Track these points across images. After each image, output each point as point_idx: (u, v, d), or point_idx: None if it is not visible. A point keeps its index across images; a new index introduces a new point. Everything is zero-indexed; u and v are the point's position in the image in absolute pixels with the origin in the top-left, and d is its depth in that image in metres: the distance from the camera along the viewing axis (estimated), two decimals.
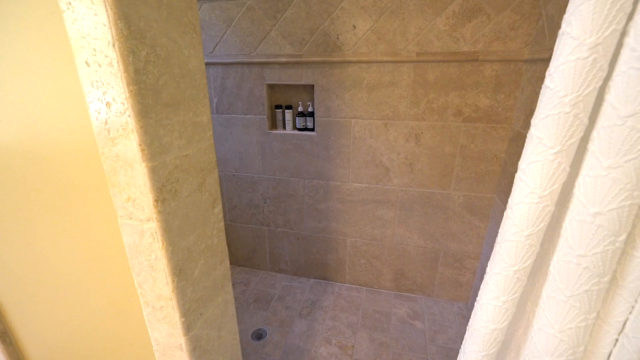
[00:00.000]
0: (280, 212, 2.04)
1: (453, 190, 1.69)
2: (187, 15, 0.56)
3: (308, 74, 1.69)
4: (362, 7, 1.50)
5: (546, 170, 0.52)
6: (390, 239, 1.89)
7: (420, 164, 1.69)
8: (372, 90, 1.63)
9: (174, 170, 0.57)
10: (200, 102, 0.63)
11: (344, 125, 1.73)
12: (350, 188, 1.85)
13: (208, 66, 1.81)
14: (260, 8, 1.63)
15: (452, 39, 1.45)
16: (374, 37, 1.54)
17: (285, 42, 1.66)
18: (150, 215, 0.55)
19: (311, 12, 1.57)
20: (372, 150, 1.74)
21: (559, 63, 0.49)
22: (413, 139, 1.66)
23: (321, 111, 1.74)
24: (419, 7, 1.44)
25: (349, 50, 1.59)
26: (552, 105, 0.50)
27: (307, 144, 1.83)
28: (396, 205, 1.81)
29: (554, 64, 0.50)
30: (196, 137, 0.63)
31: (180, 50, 0.56)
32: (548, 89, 0.51)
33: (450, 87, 1.53)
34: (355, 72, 1.62)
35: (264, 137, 1.89)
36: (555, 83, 0.49)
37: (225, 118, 1.90)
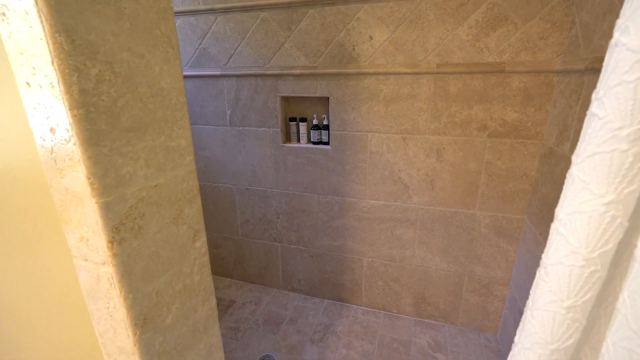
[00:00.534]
0: (293, 229, 1.97)
1: (478, 210, 1.56)
2: (159, 27, 0.51)
3: (323, 86, 1.63)
4: (379, 17, 1.44)
5: (595, 224, 0.39)
6: (410, 261, 1.76)
7: (442, 181, 1.58)
8: (389, 103, 1.55)
9: (137, 204, 0.50)
10: (177, 123, 0.57)
11: (360, 139, 1.65)
12: (366, 205, 1.75)
13: (222, 78, 1.79)
14: (274, 20, 1.60)
15: (476, 49, 1.36)
16: (391, 47, 1.47)
17: (299, 53, 1.62)
18: (105, 258, 0.48)
19: (326, 23, 1.53)
20: (389, 165, 1.64)
21: (612, 84, 0.37)
22: (434, 154, 1.55)
23: (336, 124, 1.67)
24: (439, 16, 1.37)
25: (366, 62, 1.52)
26: (603, 140, 0.37)
27: (322, 158, 1.76)
28: (416, 224, 1.69)
29: (604, 85, 0.38)
30: (170, 163, 0.56)
31: (149, 67, 0.50)
32: (596, 117, 0.38)
33: (473, 100, 1.42)
34: (372, 84, 1.55)
35: (277, 151, 1.83)
36: (607, 111, 0.37)
37: (238, 130, 1.87)
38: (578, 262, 0.40)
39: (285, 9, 1.56)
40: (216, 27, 1.71)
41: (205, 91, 1.85)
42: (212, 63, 1.78)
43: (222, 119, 1.88)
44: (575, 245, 0.40)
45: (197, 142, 1.98)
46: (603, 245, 0.39)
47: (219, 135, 1.92)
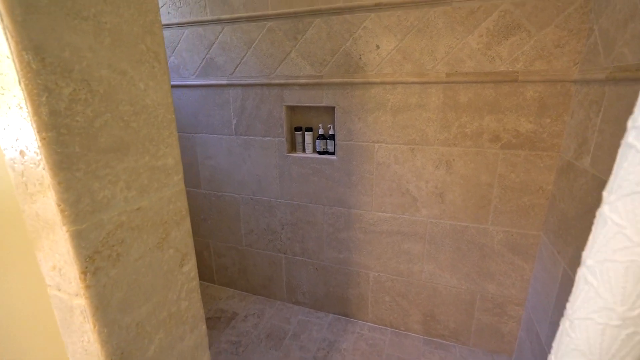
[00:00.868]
0: (298, 240, 1.92)
1: (491, 224, 1.48)
2: (145, 42, 0.48)
3: (329, 95, 1.60)
4: (386, 26, 1.41)
5: (633, 278, 0.32)
6: (419, 276, 1.69)
7: (452, 194, 1.51)
8: (397, 113, 1.50)
9: (116, 230, 0.47)
10: (164, 141, 0.54)
11: (367, 150, 1.61)
12: (373, 217, 1.70)
13: (228, 88, 1.78)
14: (280, 29, 1.58)
15: (487, 58, 1.31)
16: (399, 57, 1.43)
17: (305, 63, 1.59)
18: (78, 290, 0.44)
19: (332, 33, 1.50)
20: (397, 177, 1.59)
21: None
22: (443, 166, 1.49)
23: (342, 134, 1.63)
24: (448, 25, 1.32)
25: (372, 71, 1.49)
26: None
27: (328, 169, 1.72)
28: (425, 238, 1.62)
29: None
30: (155, 184, 0.53)
31: (133, 83, 0.47)
32: (634, 150, 0.32)
33: (485, 110, 1.36)
34: (379, 94, 1.51)
35: (282, 160, 1.80)
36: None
37: (243, 140, 1.85)
38: (612, 321, 0.33)
39: (292, 18, 1.55)
40: (223, 37, 1.71)
41: (211, 100, 1.85)
42: (218, 72, 1.78)
43: (228, 128, 1.87)
44: (608, 300, 0.33)
45: (203, 151, 1.98)
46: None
47: (225, 144, 1.90)
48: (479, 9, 1.26)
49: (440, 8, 1.32)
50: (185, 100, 1.91)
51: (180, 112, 1.95)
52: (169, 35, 1.82)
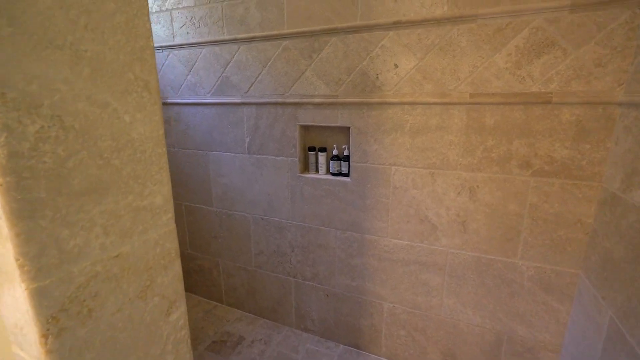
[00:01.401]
0: (308, 264, 1.84)
1: (520, 259, 1.34)
2: (133, 70, 0.43)
3: (344, 115, 1.54)
4: (405, 44, 1.34)
5: None
6: (438, 311, 1.55)
7: (476, 223, 1.39)
8: (416, 135, 1.41)
9: (88, 282, 0.41)
10: (151, 178, 0.48)
11: (383, 173, 1.52)
12: (388, 244, 1.59)
13: (242, 106, 1.76)
14: (296, 48, 1.55)
15: (517, 78, 1.21)
16: (418, 76, 1.35)
17: (320, 82, 1.54)
18: (39, 354, 0.38)
19: (349, 51, 1.45)
20: (415, 202, 1.49)
21: None
22: (466, 192, 1.38)
23: (357, 156, 1.56)
24: (472, 42, 1.24)
25: (390, 91, 1.42)
26: None
27: (341, 191, 1.64)
28: (445, 270, 1.50)
29: None
30: (139, 227, 0.47)
31: (117, 116, 0.42)
32: None
33: (514, 134, 1.25)
34: (397, 115, 1.43)
35: (294, 181, 1.74)
36: None
37: (256, 159, 1.81)
38: None
39: (307, 37, 1.51)
40: (239, 56, 1.70)
41: (226, 118, 1.83)
42: (233, 91, 1.76)
43: (241, 147, 1.83)
44: None
45: (216, 169, 1.95)
46: None
47: (238, 162, 1.87)
48: (508, 26, 1.18)
49: (464, 26, 1.24)
50: (200, 118, 1.90)
51: (194, 130, 1.94)
52: (187, 55, 1.83)
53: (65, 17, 0.36)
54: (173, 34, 1.85)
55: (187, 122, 1.96)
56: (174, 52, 1.87)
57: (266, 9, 1.57)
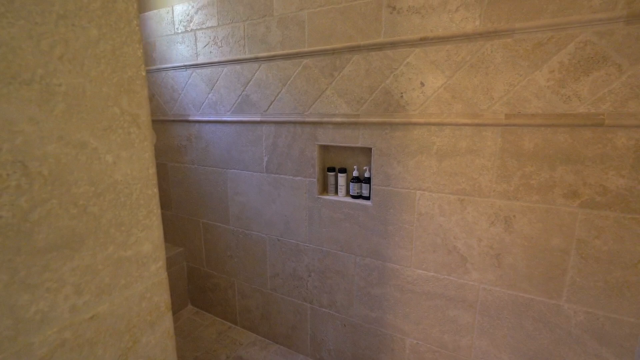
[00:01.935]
0: (325, 290, 1.73)
1: (566, 301, 1.17)
2: (120, 104, 0.38)
3: (365, 135, 1.46)
4: (433, 61, 1.25)
5: None
6: (467, 352, 1.39)
7: (512, 257, 1.24)
8: (443, 158, 1.30)
9: (53, 353, 0.35)
10: (138, 224, 0.42)
11: (407, 197, 1.41)
12: (412, 275, 1.46)
13: (261, 124, 1.73)
14: (316, 66, 1.50)
15: (561, 97, 1.08)
16: (447, 95, 1.25)
17: (341, 100, 1.48)
18: None
19: (371, 69, 1.38)
20: (442, 231, 1.36)
21: None
22: (501, 222, 1.24)
23: (379, 178, 1.46)
24: (508, 59, 1.13)
25: (415, 111, 1.32)
26: None
27: (361, 215, 1.54)
28: (476, 307, 1.35)
29: None
30: (121, 280, 0.41)
31: (97, 157, 0.37)
32: None
33: (558, 160, 1.11)
34: (423, 136, 1.33)
35: (312, 202, 1.67)
36: None
37: (274, 178, 1.76)
38: None
39: (329, 55, 1.46)
40: (259, 74, 1.67)
41: (245, 136, 1.80)
42: (253, 109, 1.74)
43: (259, 165, 1.79)
44: None
45: (234, 187, 1.92)
46: None
47: (255, 181, 1.83)
48: (550, 40, 1.06)
49: (498, 41, 1.14)
50: (220, 136, 1.89)
51: (214, 147, 1.93)
52: (209, 73, 1.84)
53: (35, 48, 0.32)
54: (196, 53, 1.87)
55: (207, 139, 1.96)
56: (197, 70, 1.89)
57: (287, 28, 1.55)
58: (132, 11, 0.39)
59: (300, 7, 1.49)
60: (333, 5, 1.41)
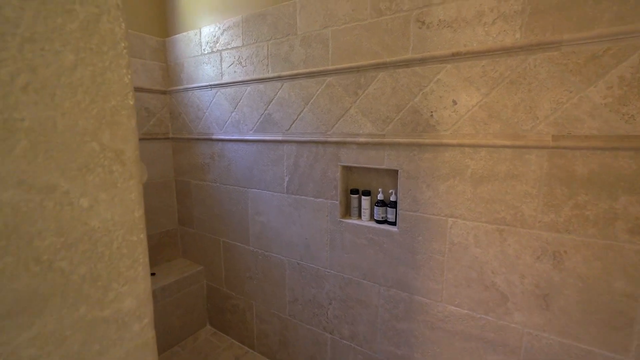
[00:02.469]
0: (347, 320, 1.61)
1: (634, 357, 0.98)
2: (100, 138, 0.33)
3: (391, 156, 1.36)
4: (467, 78, 1.15)
5: None
6: None
7: (564, 299, 1.07)
8: (479, 183, 1.17)
9: None
10: (119, 277, 0.36)
11: (437, 225, 1.28)
12: (443, 311, 1.31)
13: (283, 144, 1.68)
14: (340, 84, 1.45)
15: (621, 116, 0.93)
16: (483, 114, 1.14)
17: (365, 120, 1.40)
18: None
19: (398, 87, 1.30)
20: (478, 264, 1.21)
21: None
22: (549, 258, 1.08)
23: (406, 203, 1.35)
24: (555, 74, 1.00)
25: (447, 131, 1.21)
26: None
27: (387, 242, 1.43)
28: (519, 354, 1.17)
29: None
30: (95, 345, 0.35)
31: (68, 202, 0.32)
32: None
33: (619, 188, 0.95)
34: (455, 158, 1.21)
35: (334, 226, 1.58)
36: None
37: (294, 199, 1.70)
38: None
39: (353, 73, 1.40)
40: (282, 93, 1.65)
41: (266, 156, 1.77)
42: (275, 128, 1.70)
43: (280, 186, 1.74)
44: None
45: (254, 207, 1.87)
46: None
47: (276, 202, 1.77)
48: (606, 52, 0.93)
49: (543, 54, 1.02)
50: (242, 154, 1.87)
51: (236, 166, 1.91)
52: (233, 92, 1.84)
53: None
54: (221, 73, 1.88)
55: (229, 158, 1.94)
56: (221, 90, 1.90)
57: (310, 46, 1.51)
58: (118, 32, 0.34)
59: (324, 25, 1.46)
60: (358, 22, 1.36)
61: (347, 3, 1.38)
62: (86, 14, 0.31)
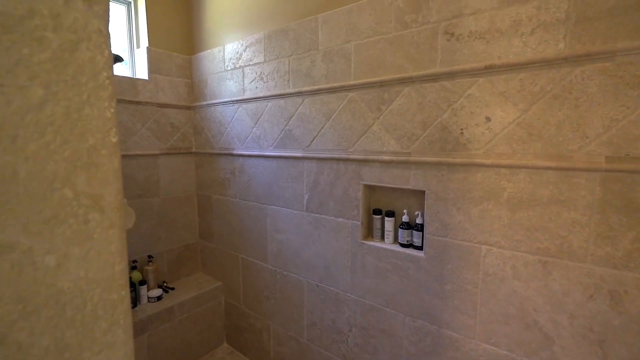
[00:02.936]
0: (369, 350, 1.50)
1: None
2: (73, 184, 0.29)
3: (417, 176, 1.27)
4: (502, 92, 1.04)
5: None
6: None
7: (625, 348, 0.91)
8: (517, 208, 1.05)
9: None
10: (93, 344, 0.32)
11: (469, 252, 1.16)
12: (476, 349, 1.18)
13: (303, 160, 1.63)
14: (362, 100, 1.38)
15: None
16: (521, 132, 1.02)
17: (389, 137, 1.32)
18: None
19: (425, 103, 1.21)
20: (517, 299, 1.08)
21: None
22: (604, 298, 0.93)
23: (434, 227, 1.24)
24: (608, 87, 0.88)
25: (480, 150, 1.11)
26: None
27: (412, 268, 1.32)
28: None
29: None
30: None
31: (31, 261, 0.27)
32: None
33: None
34: (489, 180, 1.10)
35: (356, 248, 1.49)
36: None
37: (314, 218, 1.63)
38: None
39: (376, 88, 1.34)
40: (302, 109, 1.61)
41: (286, 172, 1.73)
42: (295, 144, 1.66)
43: (299, 203, 1.68)
44: None
45: (273, 224, 1.83)
46: None
47: (295, 219, 1.72)
48: None
49: (592, 66, 0.90)
50: (262, 170, 1.84)
51: (256, 181, 1.89)
52: (254, 108, 1.83)
53: None
54: (243, 88, 1.88)
55: (249, 173, 1.92)
56: (243, 105, 1.89)
57: (332, 61, 1.47)
58: (100, 60, 0.29)
59: (347, 40, 1.41)
60: (382, 35, 1.30)
61: (371, 16, 1.33)
62: (60, 41, 0.27)
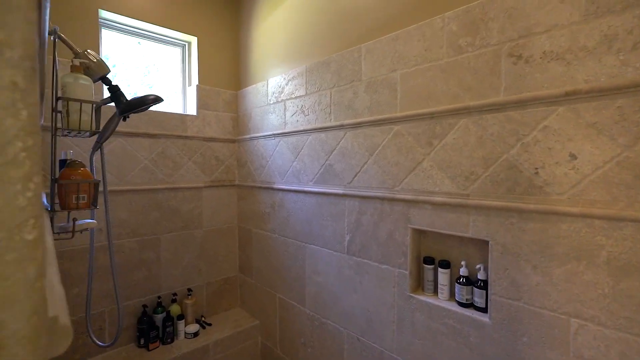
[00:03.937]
0: None
1: None
2: None
3: (479, 223, 1.06)
4: (591, 124, 0.83)
5: None
6: None
7: None
8: (624, 274, 0.79)
9: None
10: None
11: (552, 325, 0.91)
12: None
13: (344, 198, 1.51)
14: (410, 133, 1.24)
15: None
16: (624, 174, 0.79)
17: (443, 175, 1.15)
18: None
19: (486, 137, 1.03)
20: None
21: None
22: None
23: (502, 286, 1.01)
24: None
25: (563, 195, 0.88)
26: None
27: (474, 335, 1.08)
28: None
29: None
30: None
31: None
32: None
33: None
34: (578, 234, 0.86)
35: (403, 301, 1.29)
36: None
37: (356, 262, 1.47)
38: None
39: (426, 120, 1.19)
40: (344, 143, 1.51)
41: (326, 209, 1.61)
42: (336, 180, 1.55)
43: (340, 244, 1.54)
44: None
45: (312, 264, 1.70)
46: None
47: (335, 262, 1.57)
48: None
49: None
50: (301, 206, 1.75)
51: (295, 218, 1.80)
52: (295, 141, 1.78)
53: None
54: (285, 122, 1.86)
55: (289, 208, 1.85)
56: (284, 139, 1.86)
57: (376, 92, 1.36)
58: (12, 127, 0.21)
59: (392, 69, 1.30)
60: (432, 62, 1.17)
61: (419, 43, 1.21)
62: None
